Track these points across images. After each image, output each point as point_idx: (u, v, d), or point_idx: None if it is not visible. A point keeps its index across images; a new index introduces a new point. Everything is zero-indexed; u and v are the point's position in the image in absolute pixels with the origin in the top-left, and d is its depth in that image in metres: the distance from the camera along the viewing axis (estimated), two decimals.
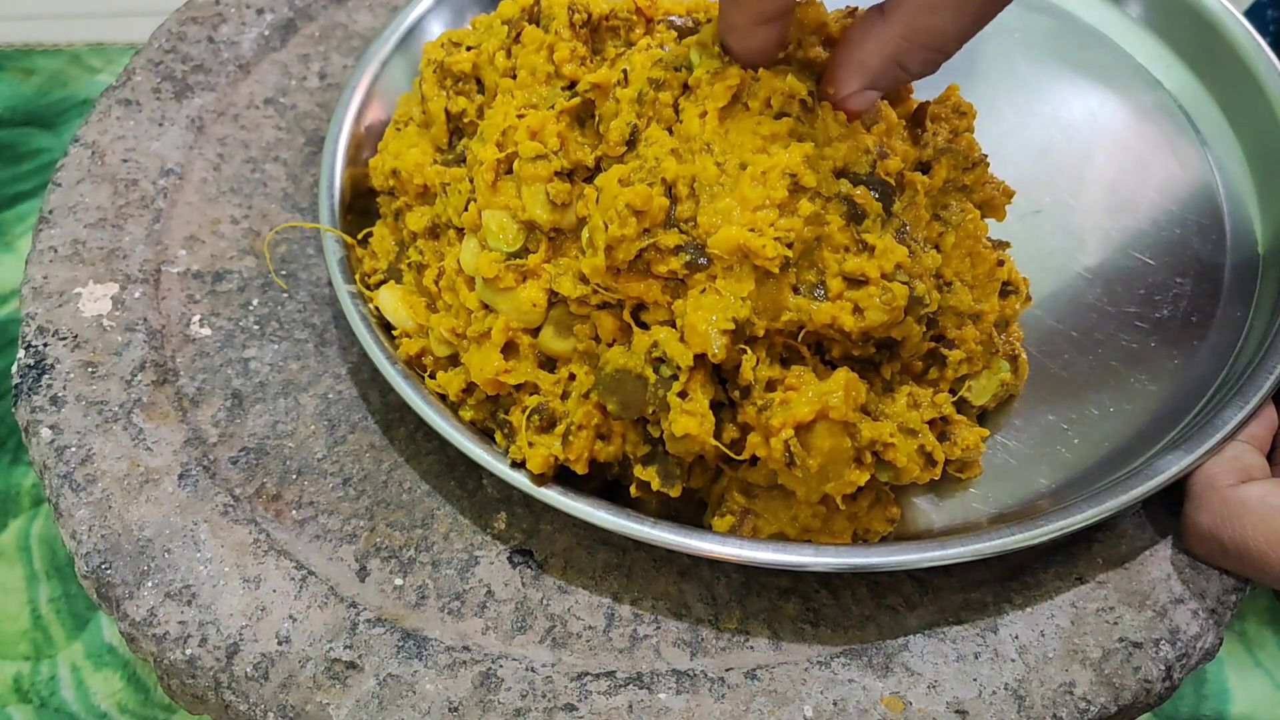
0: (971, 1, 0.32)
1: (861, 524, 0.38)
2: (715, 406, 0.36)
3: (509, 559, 0.40)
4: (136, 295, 0.45)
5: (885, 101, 0.39)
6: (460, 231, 0.40)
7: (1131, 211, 0.49)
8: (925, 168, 0.40)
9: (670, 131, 0.37)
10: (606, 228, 0.34)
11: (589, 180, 0.37)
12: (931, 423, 0.38)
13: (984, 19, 0.33)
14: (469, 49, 0.43)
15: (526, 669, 0.36)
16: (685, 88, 0.37)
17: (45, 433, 0.41)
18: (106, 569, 0.38)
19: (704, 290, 0.35)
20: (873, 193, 0.35)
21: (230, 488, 0.41)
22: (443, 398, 0.40)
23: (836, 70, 0.36)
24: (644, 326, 0.36)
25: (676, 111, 0.37)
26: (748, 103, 0.36)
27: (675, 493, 0.37)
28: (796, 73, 0.37)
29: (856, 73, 0.35)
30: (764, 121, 0.35)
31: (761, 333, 0.35)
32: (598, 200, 0.35)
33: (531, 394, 0.38)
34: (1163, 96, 0.53)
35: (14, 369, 0.43)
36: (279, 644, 0.36)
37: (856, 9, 0.39)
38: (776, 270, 0.34)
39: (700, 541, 0.36)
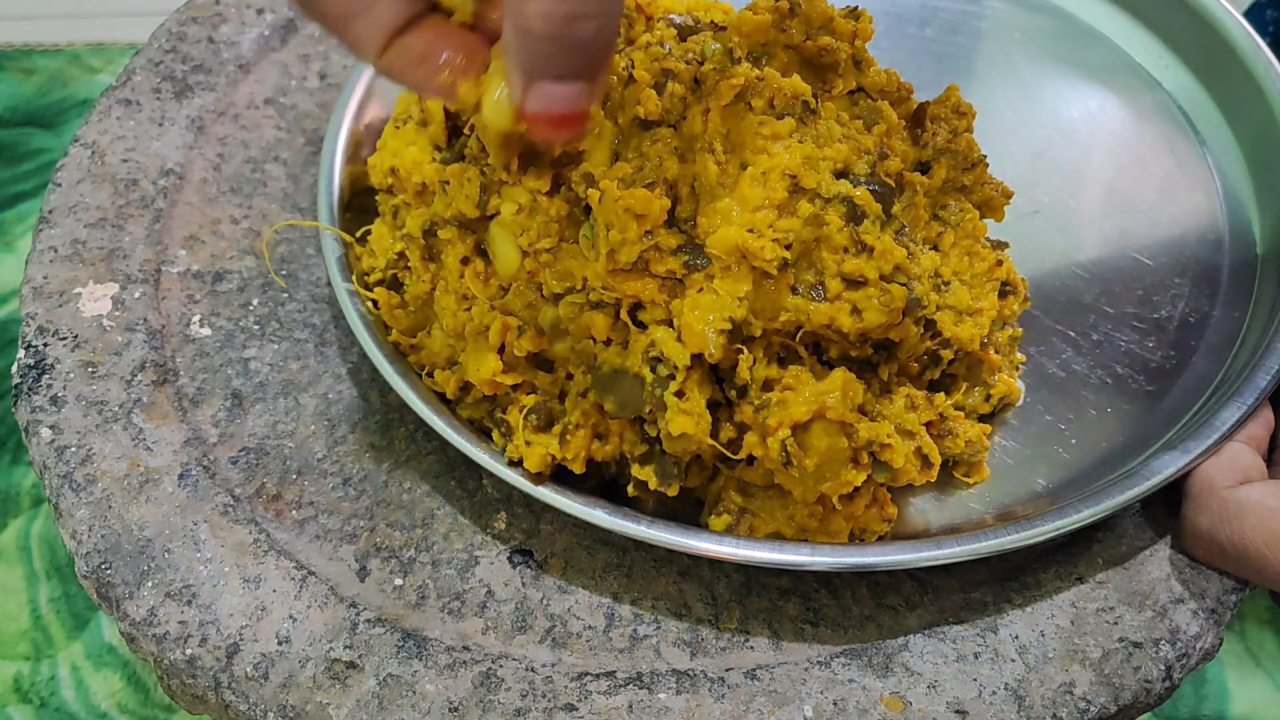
0: None
1: (858, 524, 0.38)
2: (712, 406, 0.36)
3: (509, 559, 0.40)
4: (136, 295, 0.45)
5: (886, 102, 0.40)
6: (460, 229, 0.40)
7: (1130, 212, 0.49)
8: (925, 168, 0.40)
9: (675, 128, 0.37)
10: (609, 231, 0.34)
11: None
12: (930, 424, 0.38)
13: None
14: None
15: (526, 669, 0.36)
16: (695, 82, 0.37)
17: (45, 433, 0.41)
18: (106, 569, 0.38)
19: (701, 290, 0.35)
20: (872, 194, 0.35)
21: (230, 488, 0.41)
22: (441, 396, 0.40)
23: None
24: (641, 326, 0.36)
25: (684, 107, 0.37)
26: (751, 102, 0.36)
27: (672, 492, 0.37)
28: (801, 71, 0.37)
29: None
30: (766, 121, 0.35)
31: (759, 333, 0.35)
32: (600, 202, 0.35)
33: (529, 393, 0.38)
34: (1161, 97, 0.53)
35: (14, 369, 0.43)
36: (279, 644, 0.37)
37: (858, 7, 0.39)
38: (774, 271, 0.34)
39: (699, 541, 0.36)
